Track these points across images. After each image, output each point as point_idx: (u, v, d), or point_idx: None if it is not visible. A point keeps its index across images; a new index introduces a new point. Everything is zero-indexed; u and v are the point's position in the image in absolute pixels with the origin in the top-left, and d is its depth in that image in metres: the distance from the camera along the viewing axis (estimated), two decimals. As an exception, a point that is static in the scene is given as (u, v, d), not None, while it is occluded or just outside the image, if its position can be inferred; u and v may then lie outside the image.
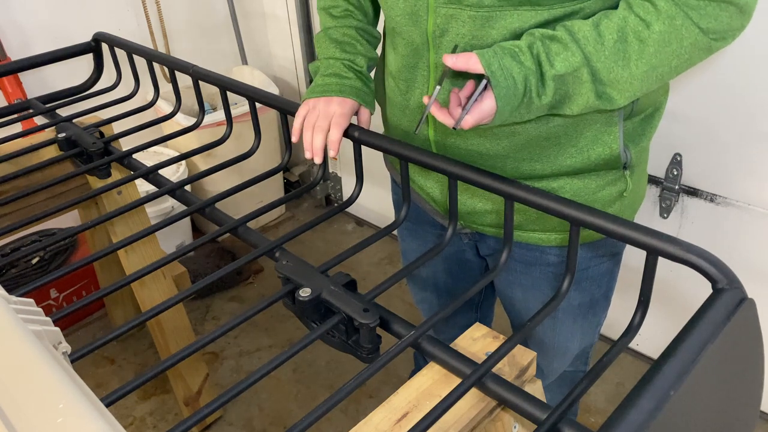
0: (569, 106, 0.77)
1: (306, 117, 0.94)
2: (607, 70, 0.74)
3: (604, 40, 0.73)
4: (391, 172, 1.14)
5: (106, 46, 1.39)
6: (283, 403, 1.82)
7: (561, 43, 0.73)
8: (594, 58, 0.73)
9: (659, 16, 0.71)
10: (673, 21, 0.71)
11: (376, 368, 0.66)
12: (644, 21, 0.72)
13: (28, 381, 0.40)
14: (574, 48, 0.73)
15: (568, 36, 0.73)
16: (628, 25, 0.72)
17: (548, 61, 0.73)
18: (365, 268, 2.32)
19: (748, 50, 1.30)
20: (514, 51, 0.74)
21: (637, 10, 0.72)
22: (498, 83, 0.72)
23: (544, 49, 0.74)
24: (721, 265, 0.62)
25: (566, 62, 0.73)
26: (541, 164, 0.87)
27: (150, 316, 0.76)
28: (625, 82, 0.74)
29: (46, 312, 0.53)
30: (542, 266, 0.99)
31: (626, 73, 0.74)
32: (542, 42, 0.74)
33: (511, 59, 0.73)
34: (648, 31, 0.72)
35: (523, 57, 0.74)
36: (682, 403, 0.51)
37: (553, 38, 0.74)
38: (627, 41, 0.72)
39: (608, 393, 1.78)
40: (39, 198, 1.27)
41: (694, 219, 1.56)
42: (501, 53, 0.74)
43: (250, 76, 2.41)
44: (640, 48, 0.73)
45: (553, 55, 0.73)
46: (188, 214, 0.99)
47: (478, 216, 0.96)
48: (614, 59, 0.73)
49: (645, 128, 0.89)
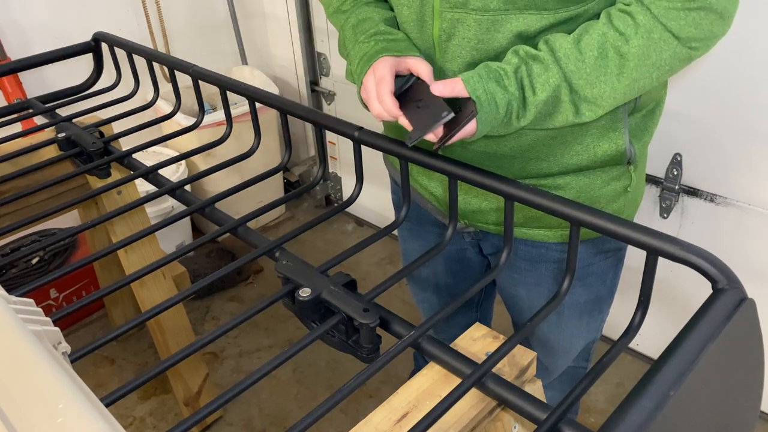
0: (550, 123, 0.79)
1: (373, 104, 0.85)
2: (589, 86, 0.74)
3: (584, 57, 0.73)
4: (391, 171, 1.14)
5: (105, 45, 1.38)
6: (283, 403, 1.82)
7: (543, 63, 0.74)
8: (575, 76, 0.74)
9: (637, 30, 0.72)
10: (651, 35, 0.72)
11: (376, 368, 0.66)
12: (623, 35, 0.72)
13: (28, 381, 0.40)
14: (555, 69, 0.74)
15: (550, 56, 0.74)
16: (607, 41, 0.73)
17: (531, 87, 0.74)
18: (365, 268, 2.32)
19: (749, 51, 1.30)
20: (499, 74, 0.75)
21: (617, 24, 0.73)
22: (482, 108, 0.74)
23: (528, 72, 0.75)
24: (721, 265, 0.62)
25: (546, 85, 0.74)
26: (548, 163, 0.87)
27: (150, 316, 0.76)
28: (608, 96, 0.75)
29: (46, 312, 0.53)
30: (547, 263, 0.99)
31: (608, 88, 0.75)
32: (526, 64, 0.75)
33: (495, 84, 0.74)
34: (627, 46, 0.72)
35: (507, 81, 0.75)
36: (682, 403, 0.51)
37: (536, 58, 0.75)
38: (608, 57, 0.73)
39: (608, 393, 1.78)
40: (39, 198, 1.27)
41: (694, 219, 1.56)
42: (486, 77, 0.74)
43: (250, 76, 2.41)
44: (620, 63, 0.73)
45: (535, 77, 0.74)
46: (188, 214, 0.99)
47: (483, 215, 0.96)
48: (596, 75, 0.74)
49: (647, 123, 0.90)
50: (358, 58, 0.86)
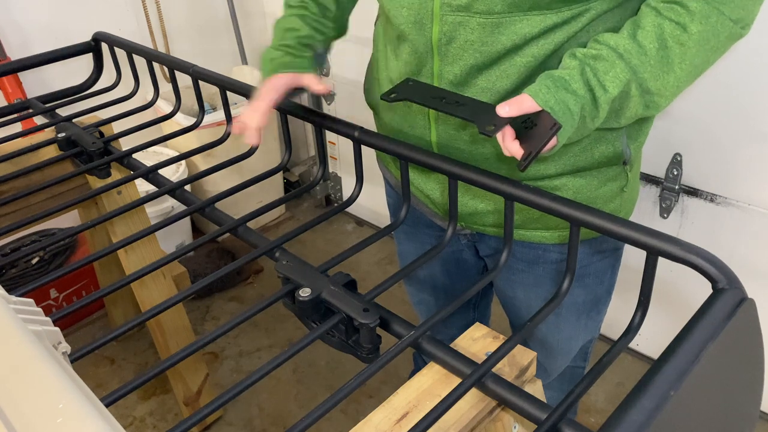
0: (617, 121, 0.78)
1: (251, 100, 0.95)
2: (654, 78, 0.74)
3: (646, 50, 0.73)
4: (385, 173, 1.14)
5: (105, 45, 1.38)
6: (283, 403, 1.82)
7: (607, 61, 0.73)
8: (641, 69, 0.73)
9: (693, 17, 0.72)
10: (708, 19, 0.72)
11: (376, 368, 0.66)
12: (680, 24, 0.72)
13: (28, 381, 0.40)
14: (621, 65, 0.73)
15: (612, 53, 0.73)
16: (665, 32, 0.73)
17: (600, 86, 0.73)
18: (365, 268, 2.32)
19: (749, 50, 1.29)
20: (565, 80, 0.73)
21: (669, 15, 0.73)
22: (558, 118, 0.71)
23: (593, 71, 0.73)
24: (721, 265, 0.62)
25: (616, 80, 0.73)
26: (546, 164, 0.87)
27: (150, 316, 0.76)
28: (671, 86, 0.75)
29: (46, 312, 0.53)
30: (545, 264, 0.99)
31: (672, 78, 0.74)
32: (588, 65, 0.73)
33: (565, 92, 0.72)
34: (686, 34, 0.72)
35: (575, 86, 0.73)
36: (682, 403, 0.51)
37: (598, 57, 0.73)
38: (668, 47, 0.73)
39: (608, 393, 1.78)
40: (39, 198, 1.27)
41: (694, 219, 1.56)
42: (554, 87, 0.72)
43: (250, 76, 2.41)
44: (681, 51, 0.73)
45: (602, 75, 0.73)
46: (188, 214, 0.99)
47: (480, 216, 0.96)
48: (660, 67, 0.73)
49: (642, 125, 0.91)
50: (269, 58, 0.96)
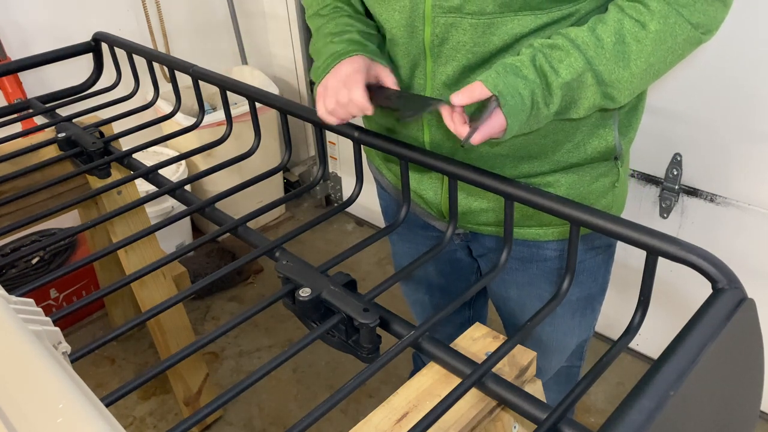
0: (575, 111, 0.78)
1: (324, 103, 0.84)
2: (608, 72, 0.75)
3: (603, 44, 0.74)
4: (377, 176, 1.13)
5: (105, 45, 1.38)
6: (283, 403, 1.82)
7: (562, 50, 0.75)
8: (596, 61, 0.75)
9: (653, 16, 0.74)
10: (667, 20, 0.74)
11: (376, 368, 0.66)
12: (639, 22, 0.74)
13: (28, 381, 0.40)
14: (576, 54, 0.74)
15: (569, 43, 0.75)
16: (624, 28, 0.74)
17: (553, 71, 0.74)
18: (365, 268, 2.32)
19: (748, 50, 1.30)
20: (516, 66, 0.74)
21: (630, 12, 0.75)
22: (506, 102, 0.72)
23: (546, 59, 0.74)
24: (721, 265, 0.62)
25: (570, 68, 0.74)
26: (539, 162, 0.88)
27: (150, 316, 0.76)
28: (626, 81, 0.76)
29: (46, 312, 0.53)
30: (540, 262, 0.99)
31: (627, 73, 0.76)
32: (543, 52, 0.75)
33: (514, 77, 0.74)
34: (644, 32, 0.74)
35: (526, 71, 0.74)
36: (682, 403, 0.51)
37: (554, 46, 0.75)
38: (625, 42, 0.74)
39: (608, 393, 1.78)
40: (39, 198, 1.27)
41: (694, 219, 1.56)
42: (503, 73, 0.74)
43: (250, 76, 2.41)
44: (638, 48, 0.75)
45: (556, 62, 0.74)
46: (188, 214, 0.99)
47: (474, 215, 0.96)
48: (615, 61, 0.75)
49: (631, 120, 0.92)
50: (328, 54, 0.85)
